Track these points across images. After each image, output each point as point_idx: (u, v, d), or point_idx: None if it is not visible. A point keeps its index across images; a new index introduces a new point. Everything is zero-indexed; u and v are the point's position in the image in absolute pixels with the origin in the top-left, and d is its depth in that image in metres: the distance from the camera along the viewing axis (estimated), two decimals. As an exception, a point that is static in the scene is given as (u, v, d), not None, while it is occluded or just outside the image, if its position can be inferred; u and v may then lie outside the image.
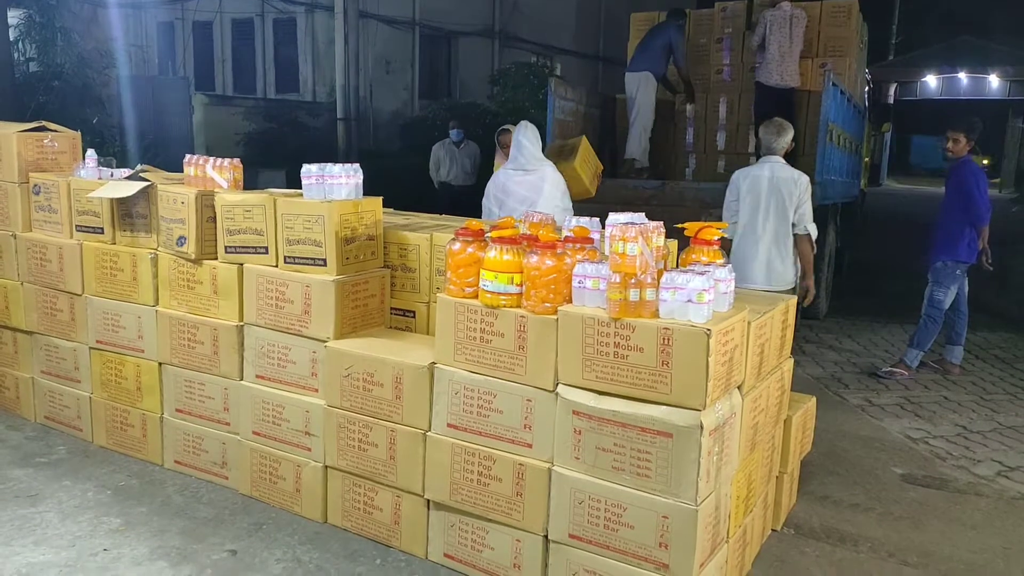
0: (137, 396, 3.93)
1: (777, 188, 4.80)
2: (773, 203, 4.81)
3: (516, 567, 2.93)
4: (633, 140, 7.79)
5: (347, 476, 3.31)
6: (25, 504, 3.48)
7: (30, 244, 4.19)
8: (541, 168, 4.69)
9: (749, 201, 4.86)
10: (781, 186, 4.79)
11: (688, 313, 2.53)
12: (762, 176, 4.84)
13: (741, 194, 4.89)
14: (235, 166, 3.72)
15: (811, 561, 3.28)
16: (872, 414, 5.09)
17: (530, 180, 4.65)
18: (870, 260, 10.64)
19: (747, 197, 4.87)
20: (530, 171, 4.66)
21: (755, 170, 4.91)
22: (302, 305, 3.37)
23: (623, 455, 2.63)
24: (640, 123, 7.74)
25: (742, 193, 4.88)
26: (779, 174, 4.82)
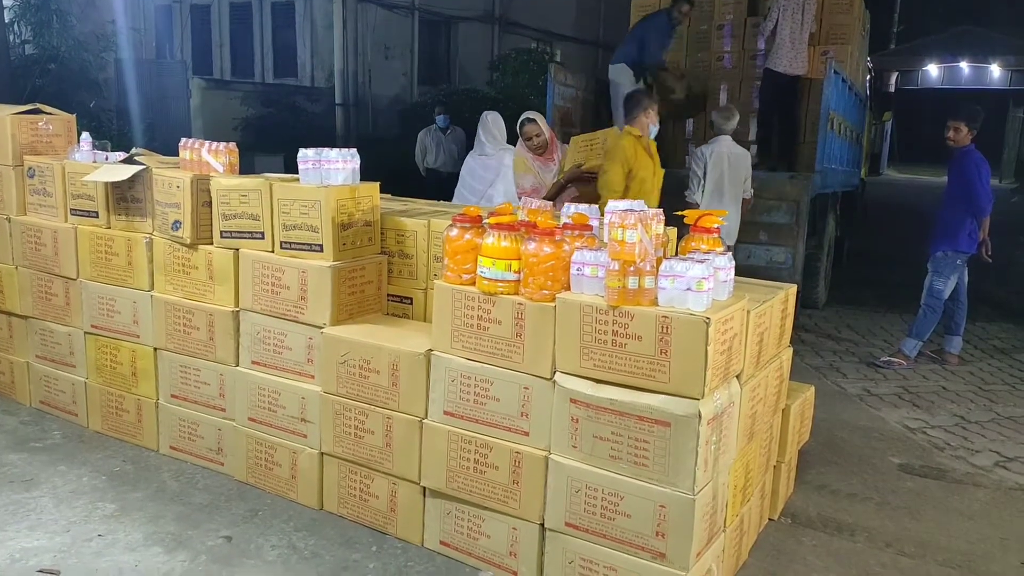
0: (132, 381, 3.91)
1: (734, 161, 6.04)
2: (731, 173, 6.02)
3: (512, 555, 2.92)
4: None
5: (343, 463, 3.30)
6: (20, 489, 3.47)
7: (24, 228, 4.16)
8: (500, 153, 5.29)
9: (714, 171, 6.00)
10: (736, 160, 6.06)
11: (687, 301, 2.51)
12: (722, 152, 6.04)
13: (709, 166, 6.01)
14: (231, 150, 3.68)
15: (808, 550, 3.28)
16: (870, 404, 5.09)
17: (492, 164, 5.28)
18: (870, 250, 10.62)
19: (713, 169, 6.01)
20: (491, 156, 5.29)
21: (716, 147, 6.07)
22: (298, 291, 3.34)
23: (620, 444, 2.61)
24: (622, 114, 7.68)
25: (709, 165, 6.01)
26: (734, 150, 6.10)
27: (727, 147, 6.06)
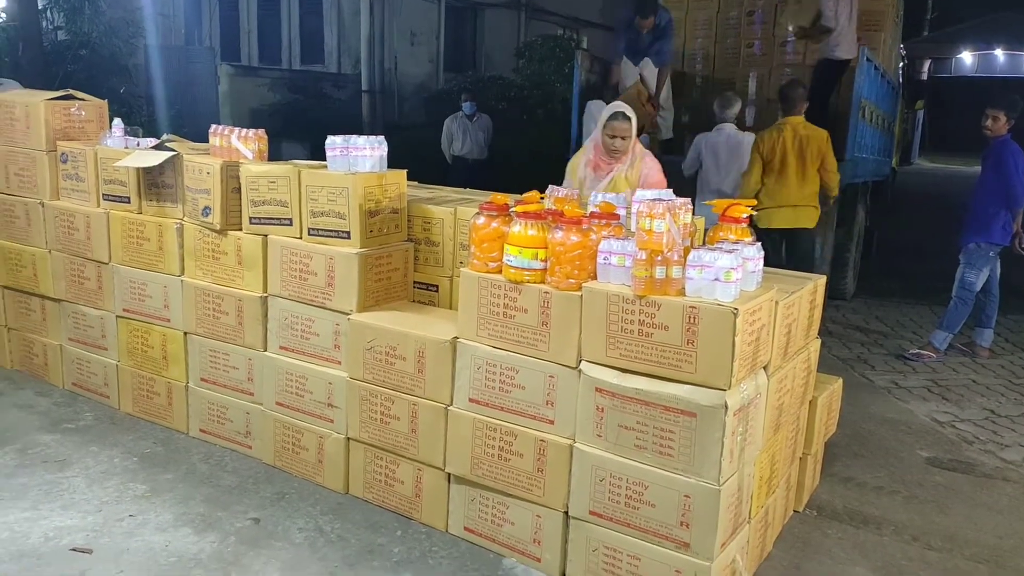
0: (163, 365, 3.97)
1: (732, 149, 6.05)
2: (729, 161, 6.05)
3: (536, 542, 2.94)
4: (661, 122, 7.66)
5: (369, 448, 3.33)
6: (53, 469, 3.54)
7: (58, 212, 4.23)
8: None
9: (707, 160, 6.12)
10: (736, 148, 6.04)
11: (715, 292, 2.49)
12: (718, 141, 6.10)
13: (703, 154, 6.13)
14: (260, 137, 3.71)
15: (833, 543, 3.26)
16: (899, 396, 5.03)
17: None
18: (900, 240, 10.47)
19: (706, 157, 6.13)
20: None
21: (713, 135, 6.15)
22: (325, 277, 3.37)
23: (646, 433, 2.61)
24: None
25: (703, 154, 6.14)
26: (734, 138, 6.09)
27: (724, 135, 6.09)
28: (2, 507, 3.20)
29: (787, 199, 5.62)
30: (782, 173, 5.57)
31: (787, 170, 5.56)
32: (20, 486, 3.37)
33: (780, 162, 5.56)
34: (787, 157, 5.55)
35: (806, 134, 5.58)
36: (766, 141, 5.59)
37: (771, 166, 5.58)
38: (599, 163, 4.06)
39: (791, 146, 5.55)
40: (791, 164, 5.56)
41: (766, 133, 5.65)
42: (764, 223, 5.56)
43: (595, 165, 4.08)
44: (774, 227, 5.63)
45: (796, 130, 5.57)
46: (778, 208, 5.62)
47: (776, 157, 5.56)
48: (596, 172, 4.08)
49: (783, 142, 5.56)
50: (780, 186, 5.59)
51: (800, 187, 5.60)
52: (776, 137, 5.57)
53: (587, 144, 4.20)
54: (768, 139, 5.59)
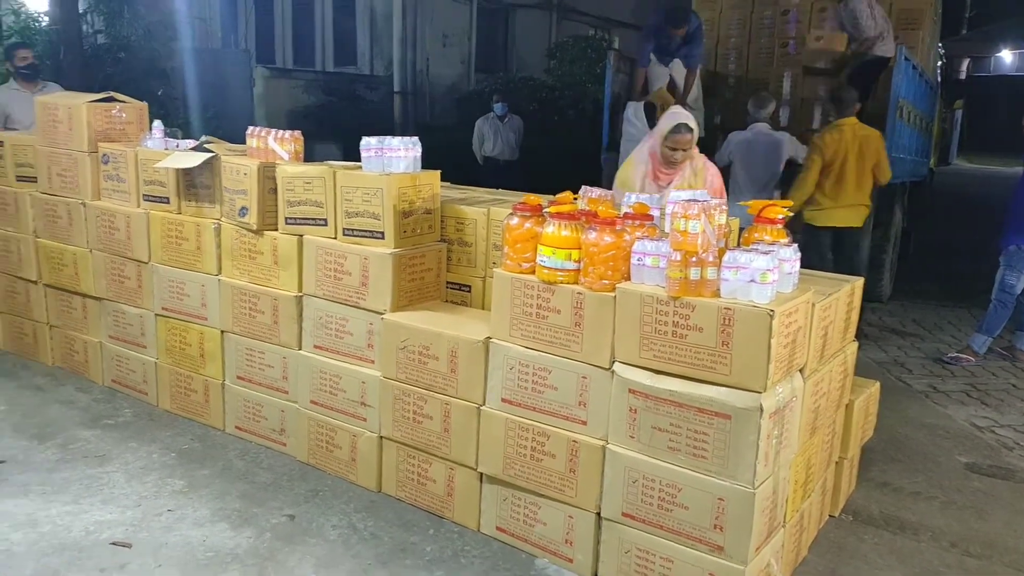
0: (200, 363, 4.03)
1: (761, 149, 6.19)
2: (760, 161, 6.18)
3: (568, 543, 2.94)
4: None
5: (402, 447, 3.35)
6: (93, 464, 3.62)
7: (99, 212, 4.31)
8: None
9: (736, 158, 6.23)
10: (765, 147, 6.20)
11: (751, 293, 2.47)
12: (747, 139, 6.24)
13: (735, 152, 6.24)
14: (296, 138, 3.75)
15: (869, 548, 3.22)
16: (936, 401, 4.95)
17: None
18: (937, 242, 10.29)
19: (734, 155, 6.24)
20: None
21: (744, 134, 6.29)
22: (360, 277, 3.40)
23: (679, 435, 2.60)
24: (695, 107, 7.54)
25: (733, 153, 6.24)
26: (765, 138, 6.24)
27: (754, 134, 6.23)
28: (45, 501, 3.27)
29: (846, 199, 5.69)
30: (842, 173, 5.62)
31: (847, 170, 5.62)
32: (62, 480, 3.45)
33: (841, 163, 5.61)
34: (848, 157, 5.60)
35: (864, 134, 5.66)
36: (828, 143, 5.60)
37: (832, 167, 5.62)
38: (658, 174, 3.87)
39: (851, 147, 5.59)
40: (851, 164, 5.61)
41: (826, 135, 5.65)
42: (821, 222, 5.71)
43: (654, 176, 3.90)
44: (830, 226, 5.73)
45: (854, 131, 5.63)
46: (836, 208, 5.70)
47: (838, 158, 5.60)
48: (656, 183, 3.88)
49: (844, 143, 5.59)
50: (840, 186, 5.65)
51: (858, 187, 5.69)
52: (838, 138, 5.60)
53: (640, 154, 3.94)
54: (830, 140, 5.61)
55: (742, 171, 6.25)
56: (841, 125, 5.65)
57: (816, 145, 5.66)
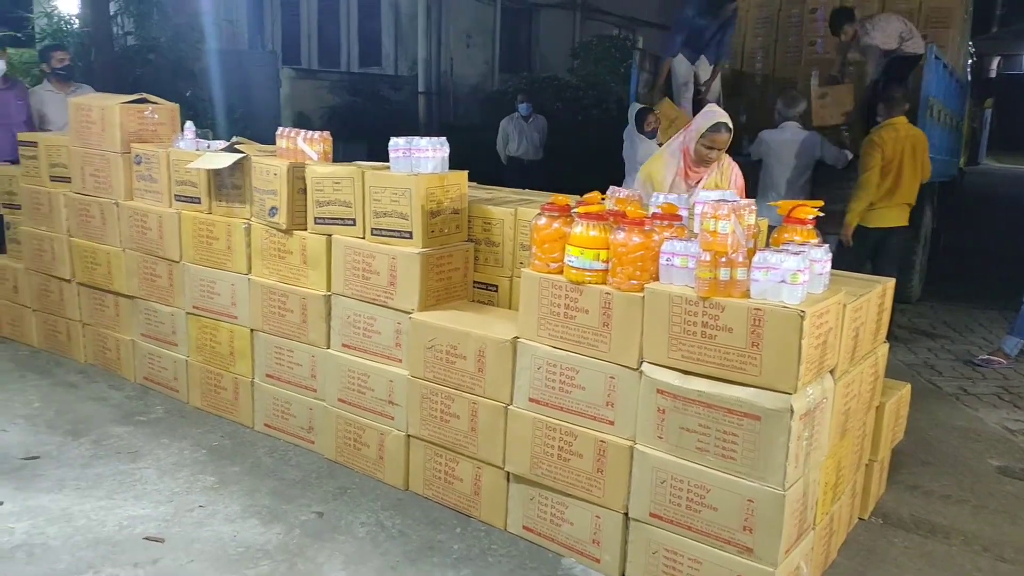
0: (230, 361, 4.08)
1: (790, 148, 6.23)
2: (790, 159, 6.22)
3: (595, 543, 2.94)
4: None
5: (429, 446, 3.37)
6: (126, 460, 3.67)
7: (132, 212, 4.38)
8: None
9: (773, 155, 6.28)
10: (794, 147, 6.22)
11: (781, 294, 2.46)
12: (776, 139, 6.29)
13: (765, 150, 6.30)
14: (325, 139, 3.79)
15: (899, 552, 3.18)
16: (967, 403, 4.88)
17: None
18: (967, 242, 10.15)
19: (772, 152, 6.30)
20: None
21: (775, 133, 6.37)
22: (388, 277, 3.42)
23: (708, 436, 2.59)
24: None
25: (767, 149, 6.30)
26: (794, 136, 6.28)
27: (788, 133, 6.29)
28: (79, 496, 3.33)
29: (902, 197, 5.71)
30: (900, 172, 5.62)
31: (904, 169, 5.62)
32: (95, 476, 3.51)
33: (899, 161, 5.60)
34: (904, 156, 5.61)
35: (914, 133, 5.69)
36: (887, 140, 5.59)
37: (890, 165, 5.60)
38: (688, 172, 3.78)
39: (906, 145, 5.61)
40: (907, 163, 5.62)
41: (884, 133, 5.63)
42: (874, 223, 5.70)
43: (684, 174, 3.81)
44: (881, 226, 5.72)
45: (907, 130, 5.66)
46: (890, 207, 5.71)
47: (896, 156, 5.60)
48: (686, 181, 3.81)
49: (900, 141, 5.60)
50: (897, 185, 5.65)
51: (912, 185, 5.72)
52: (895, 136, 5.60)
53: (670, 151, 3.85)
54: (889, 139, 5.59)
55: (775, 169, 6.26)
56: (894, 124, 5.64)
57: (875, 143, 5.60)
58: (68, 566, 2.84)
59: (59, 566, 2.84)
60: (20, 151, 4.96)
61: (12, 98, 5.75)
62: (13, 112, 5.72)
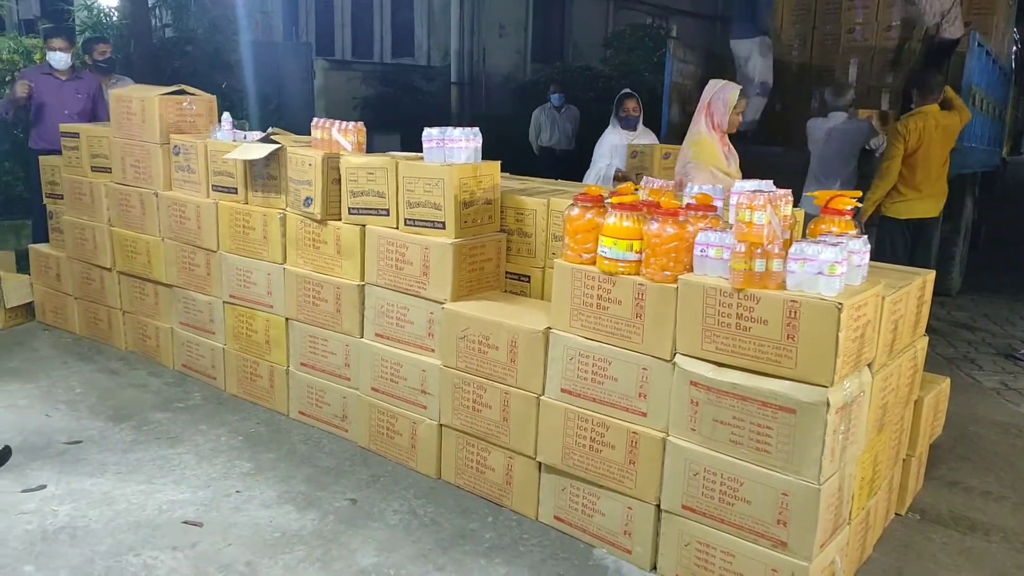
0: (266, 349, 4.13)
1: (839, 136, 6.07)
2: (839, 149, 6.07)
3: (627, 534, 2.94)
4: (752, 107, 7.50)
5: (461, 435, 3.39)
6: (165, 446, 3.75)
7: (170, 202, 4.45)
8: None
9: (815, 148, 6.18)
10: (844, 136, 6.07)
11: (818, 286, 2.43)
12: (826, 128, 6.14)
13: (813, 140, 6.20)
14: (359, 129, 3.81)
15: (937, 548, 3.14)
16: (1008, 398, 4.79)
17: None
18: (1009, 234, 9.92)
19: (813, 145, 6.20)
20: None
21: (824, 122, 6.22)
22: (421, 267, 3.44)
23: (742, 429, 2.57)
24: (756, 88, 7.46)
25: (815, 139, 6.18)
26: (843, 126, 6.11)
27: (829, 122, 6.16)
28: (120, 480, 3.41)
29: (930, 188, 5.58)
30: (927, 162, 5.49)
31: (931, 159, 5.48)
32: (136, 460, 3.59)
33: (925, 152, 5.46)
34: (932, 146, 5.46)
35: (946, 123, 5.52)
36: (911, 129, 5.45)
37: (916, 155, 5.47)
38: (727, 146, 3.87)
39: (935, 134, 5.45)
40: (935, 153, 5.48)
41: (910, 121, 5.49)
42: (904, 214, 5.58)
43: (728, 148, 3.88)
44: (913, 217, 5.61)
45: (937, 119, 5.49)
46: (921, 198, 5.58)
47: (922, 146, 5.45)
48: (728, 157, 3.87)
49: (928, 130, 5.44)
50: (924, 175, 5.52)
51: (941, 175, 5.59)
52: (921, 125, 5.45)
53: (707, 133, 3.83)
54: (914, 128, 5.45)
55: (822, 159, 6.14)
56: (924, 112, 5.49)
57: (899, 132, 5.49)
58: (109, 548, 2.91)
59: (100, 548, 2.91)
60: (62, 142, 5.07)
61: (72, 90, 5.88)
62: (71, 103, 5.84)
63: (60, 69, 5.83)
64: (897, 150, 5.47)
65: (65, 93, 5.86)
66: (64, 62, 5.81)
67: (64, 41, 5.81)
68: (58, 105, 5.79)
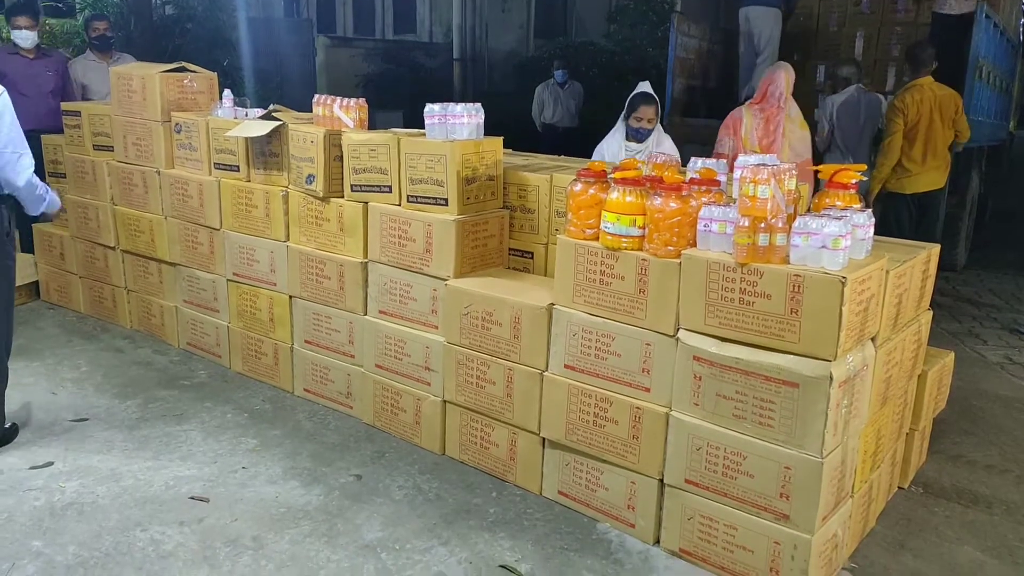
0: (270, 327, 4.14)
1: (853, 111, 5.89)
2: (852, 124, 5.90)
3: (630, 508, 2.95)
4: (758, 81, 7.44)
5: (465, 411, 3.40)
6: (172, 423, 3.77)
7: (173, 180, 4.44)
8: None
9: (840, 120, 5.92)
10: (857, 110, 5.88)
11: (822, 260, 2.42)
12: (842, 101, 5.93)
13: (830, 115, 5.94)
14: (361, 106, 3.79)
15: (940, 520, 3.15)
16: (1013, 373, 4.78)
17: None
18: (1016, 209, 9.87)
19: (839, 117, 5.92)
20: None
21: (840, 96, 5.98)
22: (424, 243, 3.43)
23: (745, 403, 2.57)
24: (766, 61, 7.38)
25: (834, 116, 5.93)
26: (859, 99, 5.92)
27: (843, 96, 5.99)
28: (127, 457, 3.43)
29: (933, 160, 5.54)
30: (929, 134, 5.46)
31: (932, 132, 5.45)
32: (142, 437, 3.61)
33: (926, 124, 5.43)
34: (933, 118, 5.43)
35: (942, 94, 5.48)
36: (909, 103, 5.43)
37: (916, 129, 5.44)
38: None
39: (933, 107, 5.42)
40: (936, 126, 5.44)
41: (906, 95, 5.47)
42: (909, 188, 5.55)
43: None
44: (919, 191, 5.57)
45: (933, 90, 5.46)
46: (924, 171, 5.54)
47: (922, 119, 5.43)
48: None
49: (925, 103, 5.42)
50: (924, 149, 5.49)
51: (943, 148, 5.54)
52: (919, 99, 5.42)
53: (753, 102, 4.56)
54: (911, 101, 5.43)
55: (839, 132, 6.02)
56: (919, 84, 5.46)
57: (897, 108, 5.46)
58: (117, 523, 2.94)
59: (108, 523, 2.94)
60: (64, 120, 5.05)
61: (42, 68, 5.75)
62: (43, 82, 5.71)
63: (26, 48, 5.66)
64: (897, 125, 5.44)
65: (36, 72, 5.71)
66: (30, 40, 5.65)
67: (29, 19, 5.63)
68: (31, 86, 5.63)
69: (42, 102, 5.56)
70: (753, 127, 4.68)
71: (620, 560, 2.83)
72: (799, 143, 4.67)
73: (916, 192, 5.57)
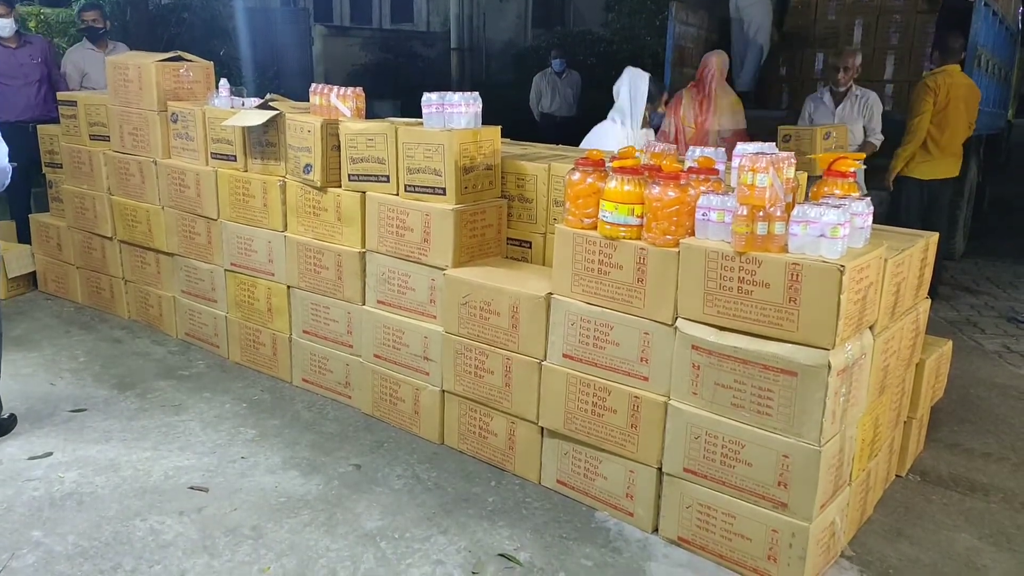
0: (268, 317, 4.14)
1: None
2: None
3: (629, 497, 2.96)
4: (748, 69, 7.45)
5: (463, 401, 3.40)
6: (170, 413, 3.77)
7: (169, 170, 4.43)
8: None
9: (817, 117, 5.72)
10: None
11: (820, 248, 2.42)
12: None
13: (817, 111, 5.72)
14: (358, 95, 3.77)
15: (937, 508, 3.16)
16: (1010, 361, 4.79)
17: None
18: (1014, 198, 9.87)
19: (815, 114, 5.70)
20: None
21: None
22: (422, 233, 3.43)
23: (743, 392, 2.58)
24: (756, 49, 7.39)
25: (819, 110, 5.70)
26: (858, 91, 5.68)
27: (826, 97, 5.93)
28: (126, 447, 3.43)
29: (952, 147, 5.52)
30: (956, 120, 5.43)
31: (957, 119, 5.43)
32: (141, 428, 3.61)
33: (955, 107, 5.40)
34: (959, 107, 5.41)
35: (968, 83, 5.48)
36: (940, 85, 5.37)
37: (946, 111, 5.39)
38: None
39: (960, 96, 5.40)
40: (960, 114, 5.43)
41: (938, 77, 5.41)
42: (928, 174, 5.50)
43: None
44: (935, 178, 5.53)
45: (961, 78, 5.45)
46: (943, 157, 5.51)
47: (950, 104, 5.39)
48: None
49: (956, 87, 5.39)
50: (951, 133, 5.45)
51: (962, 137, 5.53)
52: (950, 83, 5.38)
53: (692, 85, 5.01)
54: (943, 83, 5.38)
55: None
56: (949, 71, 5.43)
57: (929, 88, 5.38)
58: (116, 513, 2.94)
59: (107, 513, 2.94)
60: (60, 110, 5.03)
61: (26, 57, 5.66)
62: (28, 71, 5.64)
63: (6, 36, 5.57)
64: (927, 104, 5.35)
65: (20, 61, 5.63)
66: (8, 28, 5.55)
67: (4, 6, 5.51)
68: (16, 75, 5.57)
69: (30, 91, 5.52)
70: (690, 107, 5.08)
71: (619, 548, 2.84)
72: (729, 120, 5.02)
73: (932, 179, 5.51)
